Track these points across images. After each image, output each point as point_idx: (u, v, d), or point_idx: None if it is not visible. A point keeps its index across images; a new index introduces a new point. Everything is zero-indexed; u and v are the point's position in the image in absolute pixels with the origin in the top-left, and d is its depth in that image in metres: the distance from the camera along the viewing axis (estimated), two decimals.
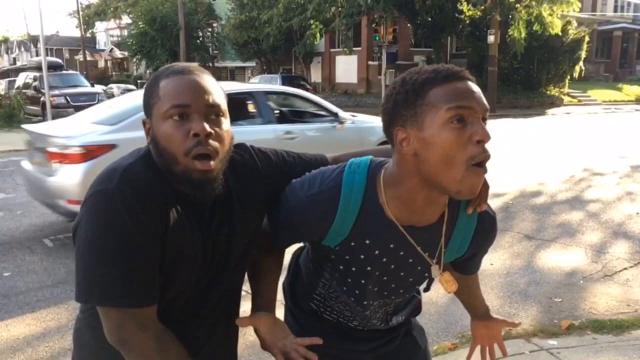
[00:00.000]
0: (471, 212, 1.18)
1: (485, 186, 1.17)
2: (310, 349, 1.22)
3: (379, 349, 1.40)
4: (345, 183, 1.15)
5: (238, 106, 5.43)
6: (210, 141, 1.05)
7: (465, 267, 1.35)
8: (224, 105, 1.11)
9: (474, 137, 1.00)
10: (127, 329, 1.04)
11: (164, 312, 1.12)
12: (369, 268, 1.21)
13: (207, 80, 1.10)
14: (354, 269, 1.22)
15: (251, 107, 5.74)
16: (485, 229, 1.22)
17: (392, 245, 1.18)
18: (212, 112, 1.07)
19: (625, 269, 4.19)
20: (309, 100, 6.38)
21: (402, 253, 1.20)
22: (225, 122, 1.11)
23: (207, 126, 1.05)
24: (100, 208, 1.02)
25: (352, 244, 1.18)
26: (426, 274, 1.25)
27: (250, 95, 5.79)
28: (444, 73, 1.04)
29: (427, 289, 1.35)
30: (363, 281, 1.24)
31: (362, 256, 1.19)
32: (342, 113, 6.21)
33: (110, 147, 4.67)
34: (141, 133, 1.15)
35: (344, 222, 1.15)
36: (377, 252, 1.19)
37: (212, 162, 1.05)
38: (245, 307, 1.29)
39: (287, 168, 1.26)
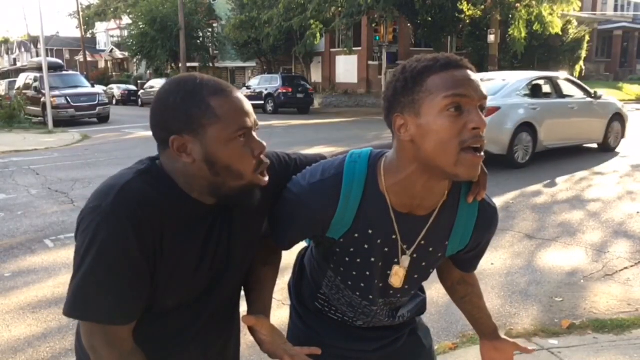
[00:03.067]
0: (471, 200, 1.19)
1: (484, 174, 1.18)
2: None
3: (384, 348, 1.40)
4: (347, 172, 1.16)
5: (545, 87, 9.00)
6: (262, 157, 1.12)
7: (465, 262, 1.35)
8: None
9: (470, 124, 1.02)
10: (95, 340, 1.07)
11: (166, 318, 1.13)
12: (372, 259, 1.22)
13: (246, 100, 1.15)
14: (358, 260, 1.22)
15: (548, 88, 9.07)
16: (486, 219, 1.23)
17: (394, 237, 1.19)
18: (254, 130, 1.13)
19: (626, 268, 4.18)
20: (577, 84, 9.57)
21: (405, 246, 1.20)
22: None
23: (264, 143, 1.12)
24: (91, 225, 1.03)
25: (356, 235, 1.19)
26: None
27: (549, 80, 9.11)
28: (443, 61, 1.05)
29: None
30: (368, 273, 1.24)
31: (365, 246, 1.20)
32: (599, 92, 9.52)
33: (496, 109, 7.72)
34: (514, 100, 3.25)
35: (347, 211, 1.16)
36: (379, 241, 1.19)
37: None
38: (245, 308, 1.29)
39: (290, 170, 1.27)
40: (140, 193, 1.05)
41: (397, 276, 1.25)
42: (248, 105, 1.12)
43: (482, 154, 1.05)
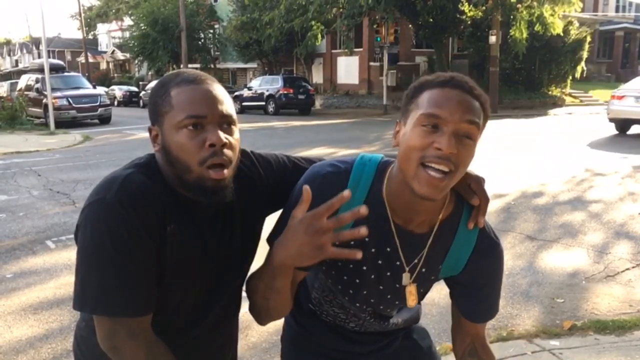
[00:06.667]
0: (472, 227, 1.17)
1: (485, 200, 1.17)
2: (308, 349, 1.20)
3: (379, 351, 1.40)
4: (355, 172, 1.17)
5: None
6: (225, 150, 1.07)
7: (470, 308, 1.27)
8: (234, 114, 1.12)
9: (435, 144, 1.02)
10: (118, 337, 1.05)
11: (168, 319, 1.14)
12: (364, 267, 1.21)
13: (219, 89, 1.11)
14: (351, 265, 1.22)
15: None
16: (484, 249, 1.20)
17: (388, 249, 1.18)
18: (225, 122, 1.08)
19: (627, 269, 4.18)
20: None
21: (398, 263, 1.20)
22: (236, 130, 1.12)
23: (223, 136, 1.06)
24: (98, 217, 1.03)
25: (352, 242, 1.18)
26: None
27: None
28: (442, 78, 1.07)
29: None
30: (357, 281, 1.24)
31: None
32: None
33: None
34: None
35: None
36: (373, 250, 1.19)
37: (225, 171, 1.07)
38: (246, 309, 1.29)
39: (288, 173, 1.27)
40: (141, 184, 1.06)
41: (412, 295, 1.24)
42: (215, 96, 1.08)
43: (442, 176, 1.03)
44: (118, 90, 33.83)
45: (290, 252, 1.04)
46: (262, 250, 1.31)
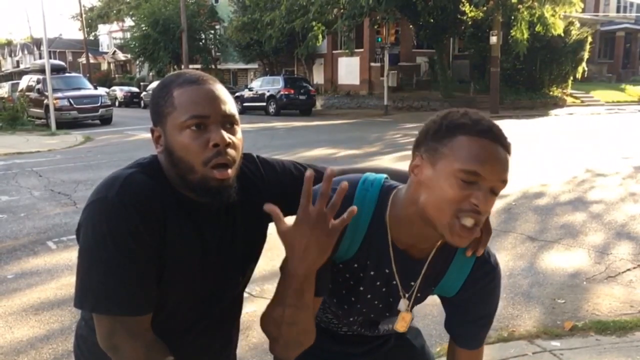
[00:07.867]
0: (470, 255, 1.17)
1: (488, 233, 1.17)
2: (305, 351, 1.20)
3: (373, 352, 1.41)
4: (357, 197, 1.15)
5: None
6: (229, 150, 1.07)
7: (464, 336, 1.28)
8: (237, 113, 1.12)
9: (473, 199, 1.00)
10: (118, 336, 1.05)
11: (168, 319, 1.14)
12: (361, 288, 1.22)
13: (221, 89, 1.11)
14: (352, 282, 1.23)
15: None
16: (480, 275, 1.20)
17: (387, 271, 1.19)
18: (227, 122, 1.09)
19: (628, 270, 4.18)
20: None
21: (394, 282, 1.20)
22: (239, 130, 1.12)
23: (226, 136, 1.06)
24: (99, 216, 1.03)
25: (355, 265, 1.19)
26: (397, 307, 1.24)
27: None
28: (481, 127, 1.02)
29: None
30: (353, 299, 1.24)
31: (361, 274, 1.20)
32: None
33: None
34: None
35: (353, 240, 1.15)
36: (372, 272, 1.19)
37: (229, 171, 1.07)
38: (248, 309, 1.29)
39: (292, 180, 1.26)
40: (143, 183, 1.06)
41: (404, 321, 1.24)
42: (217, 96, 1.08)
43: (474, 227, 1.02)
44: (119, 91, 33.87)
45: (312, 254, 1.03)
46: (266, 252, 1.32)
